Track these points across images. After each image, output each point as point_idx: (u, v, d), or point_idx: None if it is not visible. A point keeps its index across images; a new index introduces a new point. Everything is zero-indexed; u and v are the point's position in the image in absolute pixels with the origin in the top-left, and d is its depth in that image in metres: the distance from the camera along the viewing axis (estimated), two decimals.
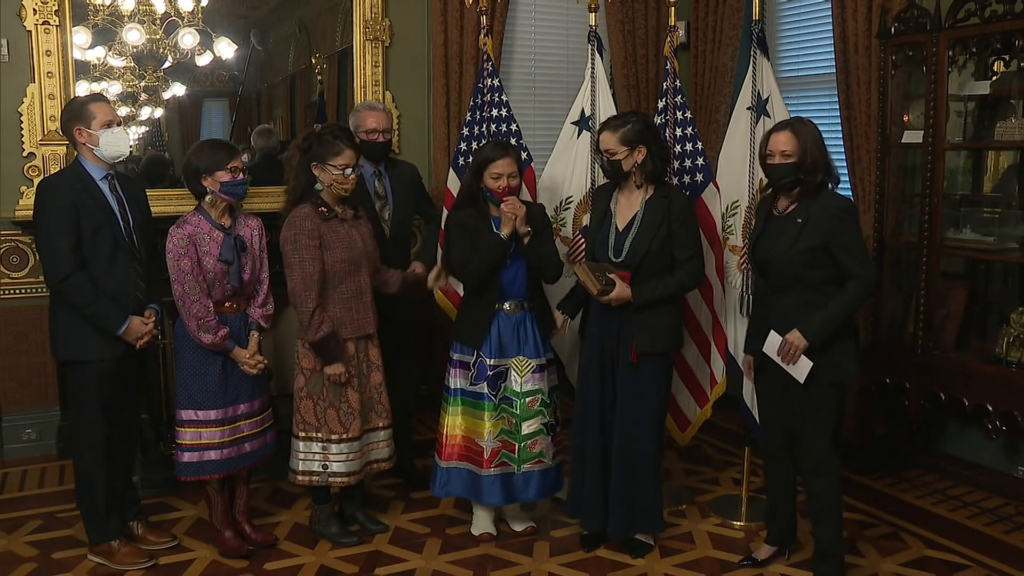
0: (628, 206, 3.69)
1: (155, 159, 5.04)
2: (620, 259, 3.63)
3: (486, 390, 3.80)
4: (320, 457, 3.75)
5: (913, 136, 4.41)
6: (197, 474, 3.69)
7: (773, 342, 3.35)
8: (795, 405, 3.42)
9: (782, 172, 3.31)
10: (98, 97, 3.66)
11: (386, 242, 4.17)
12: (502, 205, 3.68)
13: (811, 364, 3.29)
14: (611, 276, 3.58)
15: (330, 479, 3.77)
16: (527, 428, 3.81)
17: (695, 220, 3.75)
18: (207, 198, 3.63)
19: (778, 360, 3.34)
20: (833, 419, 3.38)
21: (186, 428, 3.67)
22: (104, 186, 3.56)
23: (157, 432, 4.61)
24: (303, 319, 3.63)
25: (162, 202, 4.49)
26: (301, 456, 3.78)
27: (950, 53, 4.17)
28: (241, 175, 3.61)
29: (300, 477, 3.80)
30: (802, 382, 3.32)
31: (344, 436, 3.74)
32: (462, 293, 4.07)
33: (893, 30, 4.41)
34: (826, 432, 3.38)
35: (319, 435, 3.75)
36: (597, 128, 4.00)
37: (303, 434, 3.77)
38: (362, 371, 3.80)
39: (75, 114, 3.55)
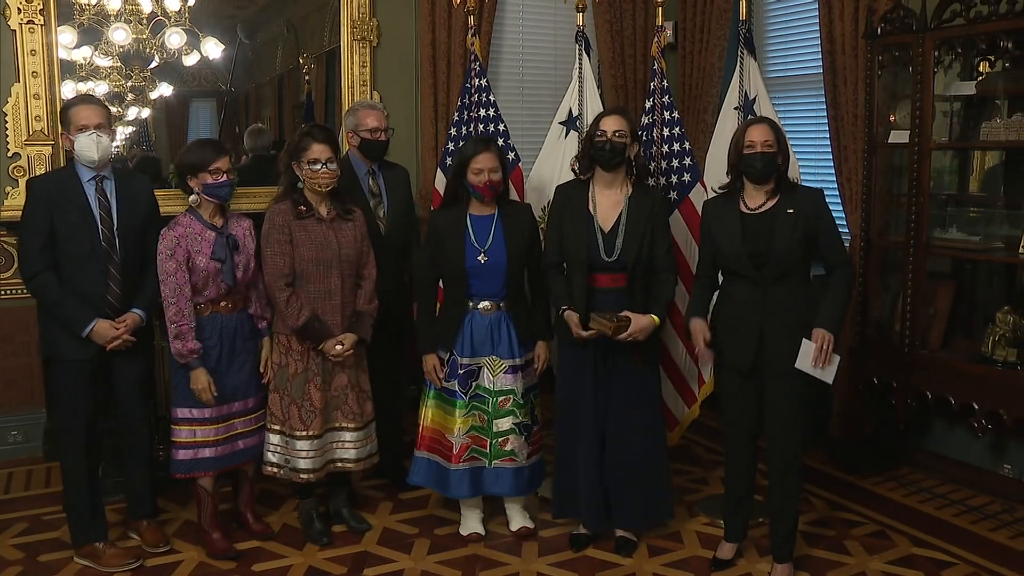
0: (610, 205, 3.70)
1: (146, 159, 5.03)
2: (613, 258, 3.63)
3: (457, 387, 3.80)
4: (282, 450, 3.80)
5: (899, 136, 4.42)
6: (191, 471, 3.72)
7: (806, 351, 3.35)
8: (768, 397, 3.49)
9: (766, 160, 3.39)
10: (81, 100, 3.70)
11: (381, 239, 4.15)
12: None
13: (839, 357, 3.38)
14: (621, 315, 3.55)
15: (291, 474, 3.80)
16: (499, 426, 3.81)
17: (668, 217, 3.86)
18: (192, 197, 3.67)
19: (813, 371, 3.36)
20: (804, 408, 3.49)
21: (182, 426, 3.71)
22: (90, 188, 3.56)
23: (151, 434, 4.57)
24: (280, 309, 3.72)
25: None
26: (270, 448, 3.83)
27: (936, 53, 4.19)
28: (225, 177, 3.64)
29: (268, 468, 3.85)
30: (831, 382, 3.39)
31: (305, 433, 3.76)
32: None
33: (879, 31, 4.42)
34: (800, 422, 3.48)
35: (283, 429, 3.79)
36: (590, 121, 3.95)
37: (270, 426, 3.83)
38: (326, 370, 3.80)
39: (61, 118, 3.64)
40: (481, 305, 3.79)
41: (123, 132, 4.94)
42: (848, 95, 4.65)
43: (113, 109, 4.79)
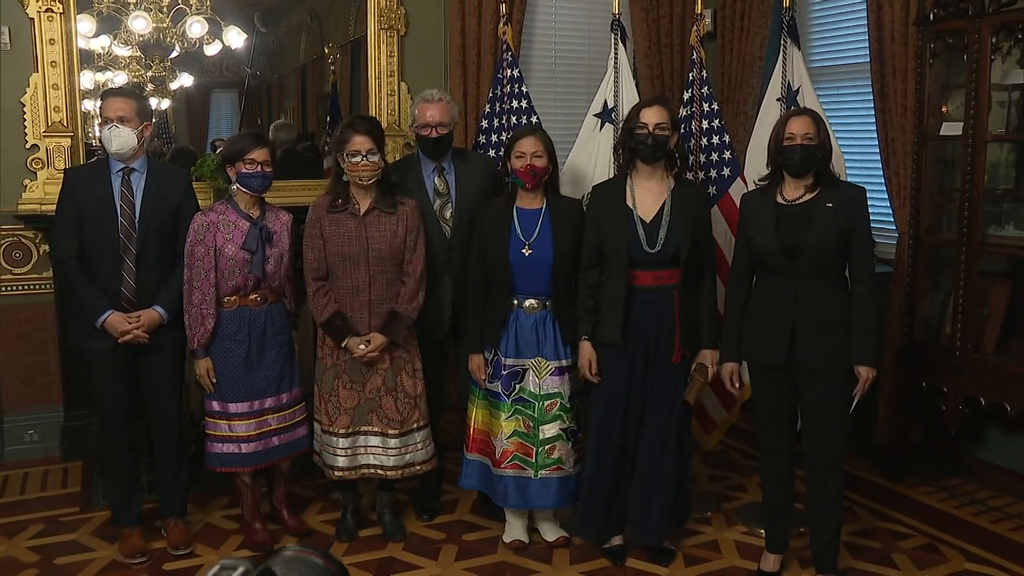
0: (651, 198, 3.65)
1: (181, 151, 5.07)
2: (655, 249, 3.57)
3: (501, 389, 3.78)
4: (320, 441, 3.91)
5: (952, 128, 4.34)
6: (226, 465, 3.80)
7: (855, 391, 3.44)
8: (802, 397, 3.46)
9: (806, 153, 3.36)
10: (110, 92, 3.77)
11: (447, 244, 4.03)
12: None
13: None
14: (694, 374, 3.68)
15: (325, 468, 3.89)
16: (545, 433, 3.77)
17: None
18: (232, 187, 3.74)
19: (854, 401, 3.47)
20: (848, 404, 3.44)
21: (217, 420, 3.79)
22: (116, 180, 3.64)
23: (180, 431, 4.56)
24: (309, 302, 3.80)
25: None
26: (314, 435, 3.95)
27: (993, 40, 4.10)
28: (259, 168, 3.68)
29: (314, 456, 3.96)
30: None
31: (331, 429, 3.82)
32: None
33: (932, 16, 4.34)
34: (838, 424, 3.43)
35: (320, 420, 3.88)
36: (626, 113, 3.91)
37: (314, 414, 3.93)
38: (357, 370, 3.80)
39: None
40: (526, 304, 3.75)
41: None
42: (897, 85, 4.57)
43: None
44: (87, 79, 4.65)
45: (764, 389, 3.56)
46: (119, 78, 4.79)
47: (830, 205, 3.36)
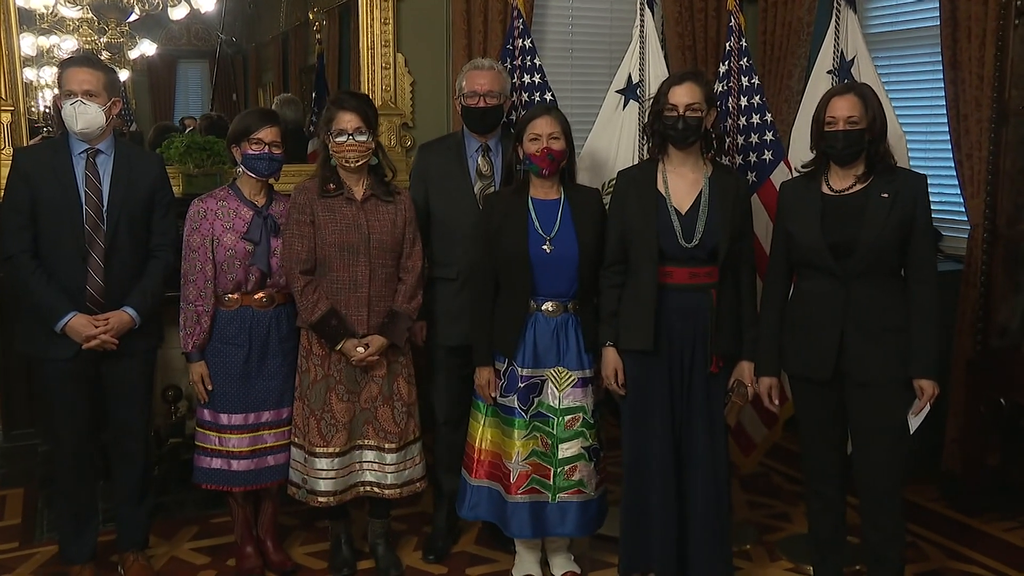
0: (686, 186, 3.49)
1: (164, 130, 4.92)
2: (692, 244, 3.38)
3: (516, 404, 3.59)
4: (302, 468, 3.70)
5: None
6: (213, 482, 3.71)
7: (915, 409, 3.30)
8: (854, 414, 3.33)
9: (850, 140, 3.24)
10: (72, 61, 3.60)
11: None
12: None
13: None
14: (732, 387, 3.55)
15: (308, 496, 3.69)
16: (565, 451, 3.60)
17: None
18: (237, 170, 3.70)
19: (917, 420, 3.31)
20: (907, 424, 3.32)
21: (207, 431, 3.70)
22: (79, 163, 3.48)
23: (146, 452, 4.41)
24: (296, 300, 3.64)
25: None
26: (292, 464, 3.76)
27: None
28: (268, 149, 3.61)
29: (289, 488, 3.76)
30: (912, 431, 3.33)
31: (325, 450, 3.64)
32: None
33: None
34: (897, 445, 3.30)
35: (303, 443, 3.69)
36: (652, 89, 3.75)
37: (292, 438, 3.76)
38: (352, 378, 3.64)
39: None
40: (545, 307, 3.57)
41: None
42: (972, 52, 4.32)
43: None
44: (28, 44, 4.48)
45: (809, 406, 3.41)
46: (67, 43, 4.64)
47: (885, 196, 3.22)
